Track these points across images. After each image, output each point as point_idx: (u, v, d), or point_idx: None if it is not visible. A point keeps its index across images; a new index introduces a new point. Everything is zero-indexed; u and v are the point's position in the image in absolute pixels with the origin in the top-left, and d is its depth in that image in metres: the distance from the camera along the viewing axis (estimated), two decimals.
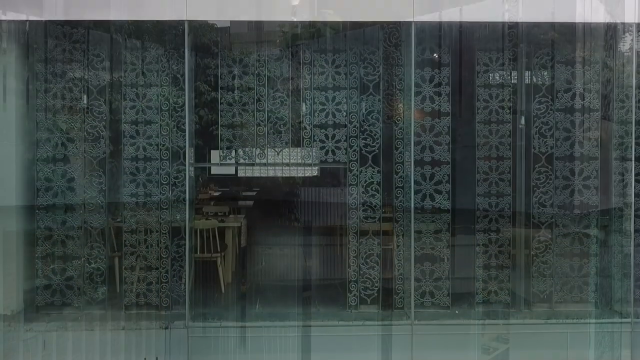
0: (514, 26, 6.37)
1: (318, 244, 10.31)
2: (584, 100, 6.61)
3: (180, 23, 6.16)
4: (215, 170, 9.66)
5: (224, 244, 7.91)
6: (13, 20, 6.13)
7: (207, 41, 6.63)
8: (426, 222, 6.55)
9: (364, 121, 6.59)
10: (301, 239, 10.05)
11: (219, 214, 9.44)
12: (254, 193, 13.46)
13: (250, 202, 11.94)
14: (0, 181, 6.36)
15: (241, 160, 6.59)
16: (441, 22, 6.26)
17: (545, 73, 6.60)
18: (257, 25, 6.49)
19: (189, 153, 6.40)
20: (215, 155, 6.72)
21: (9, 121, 6.38)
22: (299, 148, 6.60)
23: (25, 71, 6.42)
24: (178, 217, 6.45)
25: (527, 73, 6.63)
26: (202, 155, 9.40)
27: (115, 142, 6.53)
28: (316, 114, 6.57)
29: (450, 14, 6.16)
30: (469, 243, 6.72)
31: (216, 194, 13.39)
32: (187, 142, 6.37)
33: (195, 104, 6.69)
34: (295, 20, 6.28)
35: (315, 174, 6.89)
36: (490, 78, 6.59)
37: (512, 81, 6.59)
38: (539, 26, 6.39)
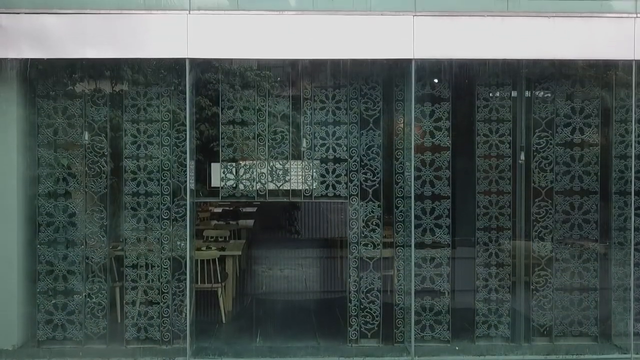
0: (513, 63, 6.39)
1: (319, 274, 10.35)
2: (583, 134, 6.63)
3: (182, 61, 6.18)
4: (215, 183, 9.66)
5: (224, 273, 7.94)
6: (15, 59, 6.14)
7: (208, 77, 6.66)
8: (427, 256, 6.57)
9: (364, 156, 6.61)
10: (303, 273, 10.08)
11: (220, 238, 9.48)
12: (255, 209, 13.52)
13: (251, 222, 12.00)
14: (2, 216, 6.38)
15: (242, 195, 6.61)
16: (441, 59, 6.27)
17: (545, 108, 6.62)
18: (259, 62, 6.51)
19: (190, 188, 6.42)
20: (215, 168, 6.70)
21: (11, 157, 6.40)
22: (299, 181, 6.62)
23: (27, 107, 6.45)
24: (179, 252, 6.46)
25: (527, 108, 6.66)
26: (202, 170, 9.44)
27: (117, 178, 6.56)
28: (317, 149, 6.60)
29: (451, 52, 6.17)
30: (470, 276, 6.74)
31: (217, 210, 13.46)
32: (187, 177, 6.39)
33: (197, 143, 6.72)
34: (296, 58, 6.30)
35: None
36: (490, 113, 6.61)
37: (512, 116, 6.61)
38: (539, 63, 6.41)
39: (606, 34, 6.21)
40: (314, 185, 6.59)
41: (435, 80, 6.52)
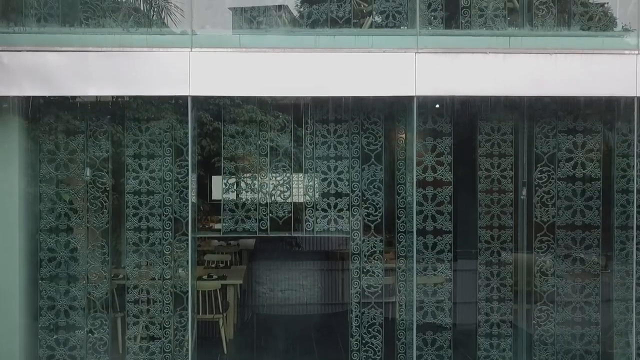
0: (515, 99, 6.39)
1: (320, 310, 10.32)
2: (585, 169, 6.63)
3: (184, 98, 6.18)
4: (216, 195, 9.64)
5: (225, 303, 7.94)
6: (17, 96, 6.14)
7: (210, 114, 6.66)
8: (428, 290, 6.57)
9: (366, 190, 6.61)
10: (304, 307, 10.07)
11: (221, 264, 9.47)
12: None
13: (252, 242, 11.98)
14: (3, 252, 6.37)
15: (243, 230, 6.61)
16: (443, 96, 6.27)
17: (547, 142, 6.61)
18: (260, 99, 6.50)
19: (192, 224, 6.42)
20: (216, 181, 6.63)
21: (12, 192, 6.39)
22: (301, 215, 6.63)
23: (28, 143, 6.45)
24: (181, 288, 6.46)
25: (528, 142, 6.66)
26: (202, 186, 9.44)
27: (118, 213, 6.56)
28: (318, 184, 6.60)
29: (452, 89, 6.17)
30: (471, 312, 6.74)
31: (217, 226, 13.44)
32: (189, 212, 6.39)
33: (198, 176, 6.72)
34: (298, 95, 6.30)
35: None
36: (492, 147, 6.61)
37: (514, 150, 6.61)
38: (541, 100, 6.41)
39: (608, 70, 6.21)
40: (316, 219, 6.59)
41: (437, 116, 6.51)
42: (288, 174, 6.58)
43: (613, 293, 6.68)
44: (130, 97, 6.31)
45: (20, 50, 6.06)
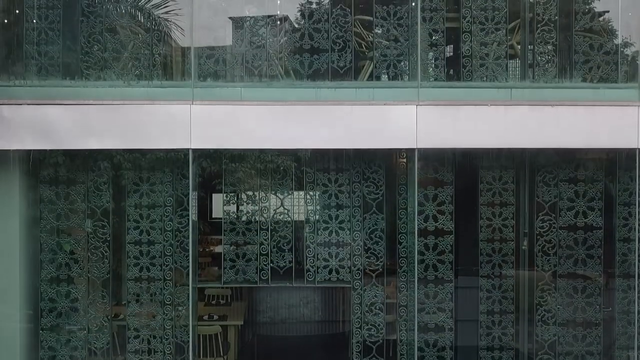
0: (517, 151, 6.38)
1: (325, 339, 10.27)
2: (586, 218, 6.62)
3: (185, 151, 6.17)
4: (216, 214, 9.61)
5: (226, 344, 7.91)
6: (17, 150, 6.13)
7: (211, 166, 6.64)
8: (429, 340, 6.56)
9: (367, 239, 6.60)
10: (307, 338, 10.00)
11: (221, 300, 9.43)
12: None
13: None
14: (4, 303, 6.36)
15: (244, 280, 6.60)
16: (444, 148, 6.27)
17: (549, 191, 6.60)
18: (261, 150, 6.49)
19: (193, 274, 6.41)
20: (216, 199, 6.57)
21: (13, 243, 6.38)
22: (302, 265, 6.62)
23: (29, 194, 6.44)
24: (182, 337, 6.45)
25: (530, 191, 6.65)
26: (203, 206, 9.40)
27: (119, 263, 6.55)
28: (319, 233, 6.59)
29: (454, 141, 6.16)
30: (473, 356, 6.73)
31: (217, 249, 13.39)
32: (190, 262, 6.38)
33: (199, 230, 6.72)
34: (299, 148, 6.30)
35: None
36: (494, 196, 6.60)
37: (515, 199, 6.60)
38: (543, 152, 6.40)
39: (610, 122, 6.20)
40: (317, 269, 6.58)
41: (439, 165, 6.50)
42: (289, 224, 6.57)
43: (615, 343, 6.67)
44: (131, 150, 6.28)
45: (21, 104, 6.06)
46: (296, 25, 6.47)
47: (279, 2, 6.60)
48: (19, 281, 6.41)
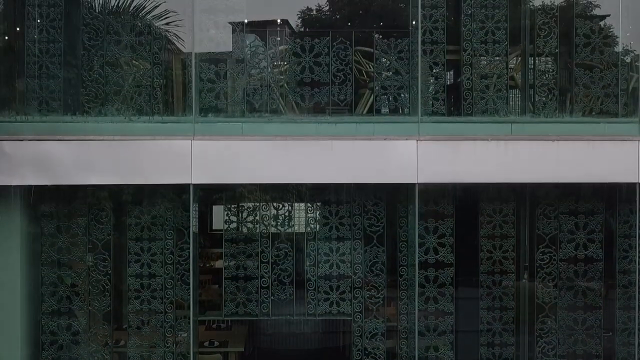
0: (517, 184, 6.39)
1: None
2: (587, 250, 6.62)
3: (186, 186, 6.18)
4: (217, 225, 9.59)
5: None
6: (19, 186, 6.14)
7: (212, 198, 6.66)
8: None
9: (368, 272, 6.61)
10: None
11: (222, 323, 9.43)
12: None
13: None
14: (5, 335, 6.37)
15: (245, 313, 6.61)
16: (445, 183, 6.28)
17: (549, 224, 6.61)
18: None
19: (193, 306, 6.42)
20: (217, 211, 6.52)
21: (15, 276, 6.39)
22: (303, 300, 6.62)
23: (31, 228, 6.44)
24: None
25: (530, 224, 6.66)
26: (203, 218, 9.37)
27: (120, 296, 6.56)
28: (320, 265, 6.60)
29: (454, 176, 6.17)
30: None
31: (217, 264, 13.38)
32: (191, 295, 6.39)
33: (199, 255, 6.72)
34: (300, 182, 6.31)
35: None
36: (494, 229, 6.61)
37: (516, 232, 6.61)
38: (543, 185, 6.40)
39: (610, 157, 6.22)
40: (318, 302, 6.59)
41: (439, 198, 6.51)
42: (290, 256, 6.57)
43: None
44: (132, 185, 6.29)
45: (22, 139, 6.06)
46: (297, 59, 6.47)
47: (278, 38, 6.61)
48: (20, 314, 6.41)
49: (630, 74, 6.62)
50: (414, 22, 6.42)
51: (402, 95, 6.54)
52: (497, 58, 6.48)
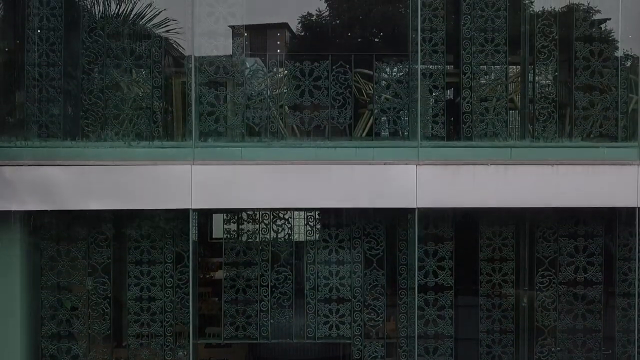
0: (517, 208, 6.39)
1: None
2: (586, 273, 6.62)
3: (185, 211, 6.18)
4: (216, 233, 9.56)
5: None
6: (19, 211, 6.15)
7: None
8: None
9: (368, 295, 6.61)
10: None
11: (223, 344, 9.40)
12: None
13: None
14: (5, 358, 6.37)
15: (244, 336, 6.61)
16: (445, 208, 6.28)
17: (549, 247, 6.61)
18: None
19: (193, 330, 6.42)
20: (217, 219, 6.60)
21: (14, 300, 6.39)
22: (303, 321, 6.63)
23: (30, 252, 6.45)
24: None
25: (530, 246, 6.66)
26: (203, 226, 9.34)
27: (120, 319, 6.56)
28: (320, 289, 6.60)
29: (454, 200, 6.17)
30: None
31: (217, 275, 13.38)
32: (191, 319, 6.39)
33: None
34: (299, 207, 6.31)
35: None
36: (494, 252, 6.61)
37: (515, 255, 6.61)
38: (543, 208, 6.40)
39: (609, 181, 6.22)
40: (318, 325, 6.59)
41: (439, 221, 6.51)
42: (290, 280, 6.57)
43: None
44: (132, 210, 6.29)
45: (21, 165, 6.07)
46: (296, 82, 6.47)
47: (278, 58, 6.63)
48: (20, 337, 6.42)
49: (630, 95, 6.62)
50: (414, 42, 6.42)
51: (402, 119, 6.54)
52: (497, 81, 6.48)
